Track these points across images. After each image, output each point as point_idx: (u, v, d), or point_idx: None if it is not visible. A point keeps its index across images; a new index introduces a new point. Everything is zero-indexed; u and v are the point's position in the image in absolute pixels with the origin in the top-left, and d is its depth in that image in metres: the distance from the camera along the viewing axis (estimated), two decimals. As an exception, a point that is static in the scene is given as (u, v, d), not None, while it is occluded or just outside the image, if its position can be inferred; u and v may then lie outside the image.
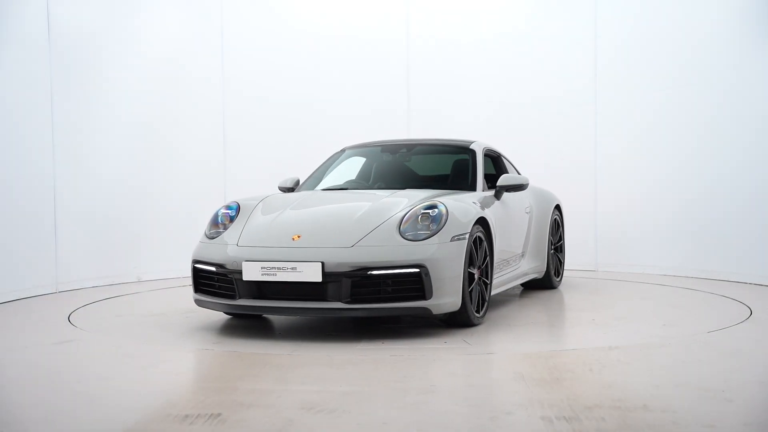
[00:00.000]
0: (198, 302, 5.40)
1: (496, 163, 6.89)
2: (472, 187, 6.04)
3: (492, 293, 5.69)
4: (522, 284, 7.15)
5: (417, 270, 4.82)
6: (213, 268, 5.18)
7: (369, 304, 4.82)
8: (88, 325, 5.60)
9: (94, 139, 7.88)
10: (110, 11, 8.08)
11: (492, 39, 9.23)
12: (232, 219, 5.51)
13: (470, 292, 5.20)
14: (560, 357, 4.36)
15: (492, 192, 6.11)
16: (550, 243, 7.13)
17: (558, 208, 7.41)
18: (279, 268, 4.88)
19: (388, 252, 4.86)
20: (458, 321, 5.20)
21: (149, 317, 5.88)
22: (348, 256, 4.85)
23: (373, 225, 5.05)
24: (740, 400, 3.49)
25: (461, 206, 5.28)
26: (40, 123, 7.28)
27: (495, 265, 5.72)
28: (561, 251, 7.49)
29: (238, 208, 5.60)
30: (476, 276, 5.30)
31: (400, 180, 6.35)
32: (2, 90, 6.91)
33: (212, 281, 5.24)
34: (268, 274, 4.90)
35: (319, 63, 9.29)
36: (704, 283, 7.49)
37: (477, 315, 5.30)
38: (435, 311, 4.91)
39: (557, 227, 7.40)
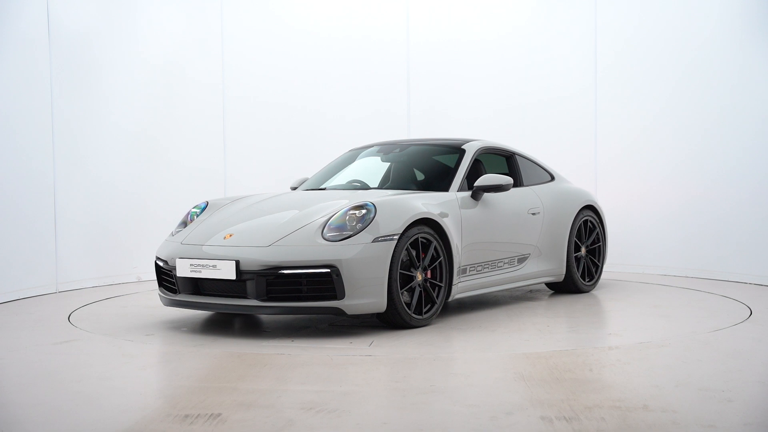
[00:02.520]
0: (159, 296, 5.67)
1: (509, 162, 6.74)
2: (445, 188, 5.93)
3: (460, 295, 5.67)
4: (550, 287, 6.97)
5: (327, 270, 4.89)
6: (162, 264, 5.50)
7: (284, 303, 4.96)
8: (88, 325, 5.61)
9: (94, 139, 7.88)
10: (110, 12, 8.08)
11: (492, 40, 9.23)
12: (197, 217, 5.86)
13: (410, 293, 5.21)
14: (560, 357, 4.36)
15: (468, 193, 5.95)
16: (575, 245, 6.84)
17: (591, 208, 7.06)
18: (203, 266, 5.13)
19: (301, 252, 4.97)
20: (391, 322, 5.21)
21: (149, 317, 5.88)
22: (262, 255, 5.00)
23: (299, 225, 5.19)
24: (740, 400, 3.49)
25: (396, 207, 5.23)
26: (40, 123, 7.28)
27: (463, 267, 5.65)
28: (597, 254, 7.11)
29: (205, 208, 5.95)
30: (419, 277, 5.27)
31: (389, 180, 6.37)
32: (2, 90, 6.91)
33: (167, 276, 5.52)
34: (195, 271, 5.17)
35: (318, 64, 9.29)
36: (704, 283, 7.49)
37: (417, 317, 5.25)
38: (349, 311, 4.95)
39: (591, 228, 7.05)
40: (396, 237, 5.07)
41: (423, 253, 5.31)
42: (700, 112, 7.96)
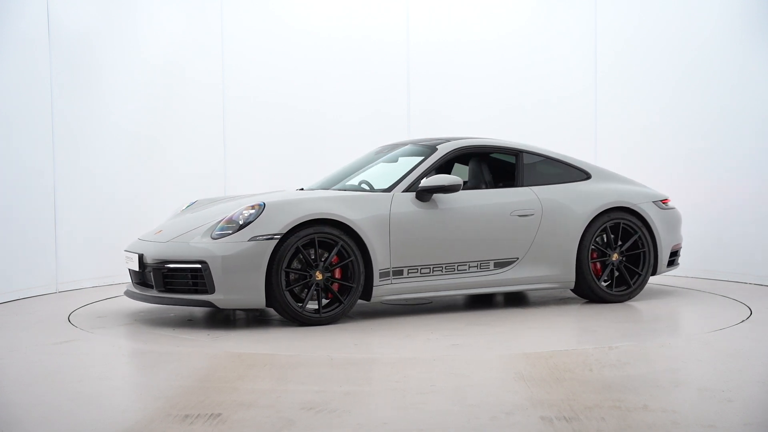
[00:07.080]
0: None
1: (517, 161, 6.38)
2: (389, 189, 5.83)
3: (393, 297, 5.62)
4: (580, 296, 6.44)
5: (198, 266, 5.22)
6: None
7: (173, 294, 5.36)
8: (88, 325, 5.61)
9: (94, 139, 7.87)
10: (110, 12, 8.07)
11: (492, 40, 9.22)
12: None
13: (305, 291, 5.33)
14: (560, 357, 4.36)
15: (412, 194, 5.79)
16: (591, 250, 6.25)
17: (627, 210, 6.40)
18: (128, 258, 5.73)
19: (182, 248, 5.38)
20: (291, 318, 5.35)
21: (149, 317, 5.88)
22: (156, 250, 5.49)
23: (201, 223, 5.58)
24: (740, 400, 3.50)
25: (284, 207, 5.34)
26: (40, 123, 7.27)
27: (397, 269, 5.58)
28: (639, 262, 6.42)
29: (191, 206, 6.32)
30: (318, 277, 5.32)
31: (375, 181, 6.33)
32: (2, 90, 6.91)
33: None
34: (127, 263, 5.78)
35: (318, 64, 9.28)
36: (704, 283, 7.49)
37: (312, 315, 5.35)
38: (222, 305, 5.23)
39: (627, 233, 6.40)
40: (278, 236, 5.23)
41: (331, 253, 5.38)
42: (700, 112, 7.95)
